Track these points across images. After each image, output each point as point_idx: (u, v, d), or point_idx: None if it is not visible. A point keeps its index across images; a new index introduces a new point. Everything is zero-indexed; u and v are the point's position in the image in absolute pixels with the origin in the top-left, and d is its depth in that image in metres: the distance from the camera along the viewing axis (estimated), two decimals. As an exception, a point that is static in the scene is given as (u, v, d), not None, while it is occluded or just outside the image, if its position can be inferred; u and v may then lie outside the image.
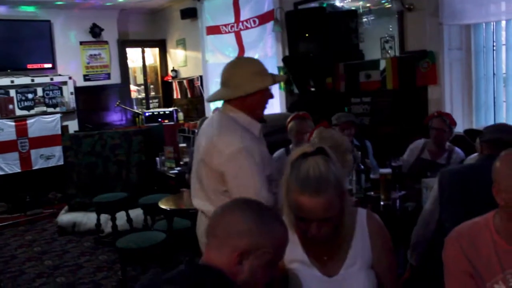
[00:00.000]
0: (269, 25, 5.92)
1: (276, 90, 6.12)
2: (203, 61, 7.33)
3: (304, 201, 1.54)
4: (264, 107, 2.28)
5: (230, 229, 1.35)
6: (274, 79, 2.26)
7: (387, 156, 3.60)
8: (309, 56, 4.85)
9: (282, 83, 5.76)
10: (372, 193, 3.33)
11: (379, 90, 4.69)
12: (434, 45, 4.21)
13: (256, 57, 6.22)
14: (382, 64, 4.69)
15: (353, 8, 5.00)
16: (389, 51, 4.71)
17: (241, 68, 2.25)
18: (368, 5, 4.87)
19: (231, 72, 2.25)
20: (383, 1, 4.75)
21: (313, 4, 5.25)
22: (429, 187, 2.89)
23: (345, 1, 5.14)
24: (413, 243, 2.66)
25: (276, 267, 1.46)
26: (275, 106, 6.28)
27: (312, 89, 5.16)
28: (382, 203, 3.17)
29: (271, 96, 2.31)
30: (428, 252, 2.62)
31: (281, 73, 5.74)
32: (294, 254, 1.69)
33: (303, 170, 1.56)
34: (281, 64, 5.73)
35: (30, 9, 7.19)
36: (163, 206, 4.05)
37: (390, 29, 4.70)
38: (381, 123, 4.67)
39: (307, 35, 4.90)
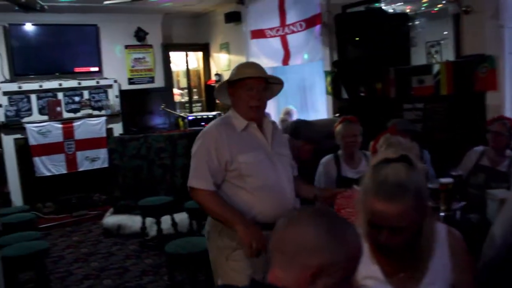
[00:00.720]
0: (316, 28, 5.82)
1: (322, 94, 6.03)
2: (247, 65, 7.27)
3: (377, 205, 1.48)
4: (246, 105, 2.43)
5: (299, 245, 1.21)
6: (234, 76, 2.45)
7: (442, 164, 3.45)
8: (359, 60, 4.73)
9: (329, 88, 5.65)
10: (430, 203, 3.19)
11: (433, 96, 4.52)
12: (494, 49, 4.02)
13: (301, 61, 6.23)
14: (435, 69, 4.52)
15: (407, 11, 4.85)
16: (435, 56, 4.55)
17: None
18: (422, 8, 4.72)
19: None
20: (437, 4, 4.59)
21: (360, 8, 5.12)
22: (495, 199, 2.74)
23: (395, 4, 4.99)
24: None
25: (352, 282, 1.36)
26: (321, 111, 6.18)
27: (362, 94, 5.03)
28: (442, 214, 3.02)
29: (252, 96, 2.43)
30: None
31: (328, 78, 5.64)
32: (367, 270, 1.60)
33: (381, 174, 1.52)
34: (329, 69, 5.62)
35: (77, 14, 7.32)
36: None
37: (445, 33, 4.54)
38: (435, 130, 4.50)
39: (357, 39, 4.79)
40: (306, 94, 6.71)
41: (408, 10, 4.85)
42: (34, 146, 6.96)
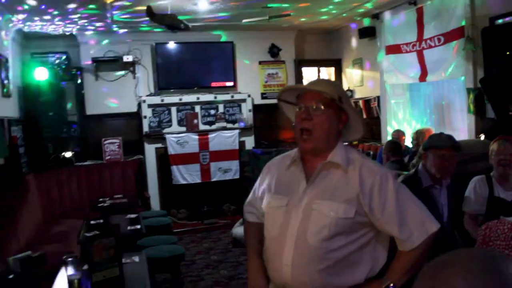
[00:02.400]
0: (456, 43, 5.47)
1: (463, 113, 5.64)
2: (381, 81, 7.09)
3: None
4: (296, 129, 1.86)
5: None
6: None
7: None
8: (510, 76, 4.34)
9: (471, 106, 5.26)
10: None
11: None
12: None
13: (440, 77, 5.90)
14: None
15: None
16: None
17: None
18: None
19: None
20: None
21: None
22: None
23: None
24: None
25: None
26: (460, 130, 5.78)
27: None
28: None
29: (297, 118, 1.84)
30: None
31: (471, 96, 5.26)
32: None
33: None
34: (472, 86, 5.24)
35: (216, 32, 7.72)
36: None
37: None
38: None
39: (508, 53, 4.40)
40: (444, 112, 6.33)
41: None
42: (173, 155, 7.43)
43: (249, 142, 7.88)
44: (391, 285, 1.75)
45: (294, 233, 1.77)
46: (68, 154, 6.80)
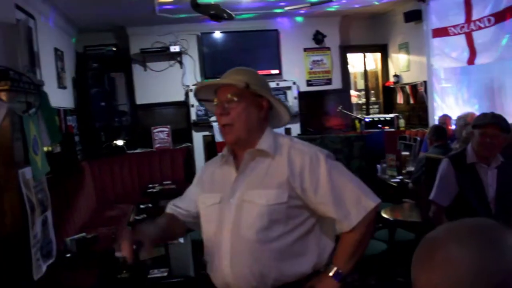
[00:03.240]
0: (508, 23, 5.29)
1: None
2: (428, 65, 6.94)
3: None
4: (219, 126, 1.80)
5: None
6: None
7: None
8: None
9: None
10: None
11: None
12: None
13: (490, 59, 5.72)
14: None
15: None
16: None
17: None
18: None
19: None
20: None
21: None
22: None
23: None
24: None
25: None
26: (512, 114, 5.60)
27: None
28: None
29: (216, 116, 1.79)
30: None
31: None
32: None
33: None
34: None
35: (260, 20, 7.76)
36: (385, 215, 3.93)
37: None
38: None
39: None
40: (495, 96, 6.13)
41: None
42: (220, 142, 7.57)
43: (295, 129, 7.90)
44: (340, 271, 1.68)
45: (230, 229, 1.69)
46: (119, 142, 7.07)
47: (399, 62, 7.94)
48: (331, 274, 1.68)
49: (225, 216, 1.71)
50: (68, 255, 3.62)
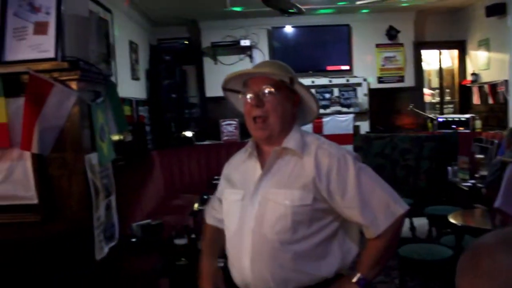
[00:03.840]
0: None
1: None
2: (510, 63, 6.54)
3: None
4: (248, 119, 1.72)
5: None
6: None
7: None
8: None
9: None
10: None
11: None
12: None
13: None
14: None
15: None
16: None
17: None
18: None
19: None
20: None
21: None
22: None
23: None
24: None
25: None
26: None
27: None
28: None
29: (248, 105, 1.71)
30: None
31: None
32: None
33: None
34: None
35: (332, 15, 7.65)
36: (453, 220, 3.76)
37: None
38: None
39: None
40: None
41: None
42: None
43: (364, 126, 7.75)
44: (363, 278, 1.61)
45: (251, 228, 1.64)
46: (188, 134, 7.25)
47: (477, 59, 7.54)
48: (354, 280, 1.62)
49: (247, 214, 1.67)
50: (133, 239, 3.77)
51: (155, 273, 2.87)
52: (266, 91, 1.66)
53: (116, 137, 4.77)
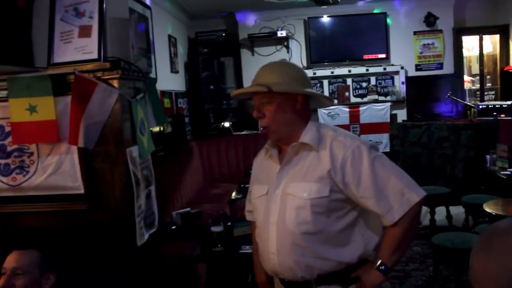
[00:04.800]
0: None
1: None
2: (553, 48, 6.36)
3: None
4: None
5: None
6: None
7: None
8: None
9: None
10: None
11: None
12: None
13: None
14: None
15: None
16: None
17: None
18: None
19: None
20: None
21: None
22: None
23: None
24: None
25: None
26: None
27: None
28: None
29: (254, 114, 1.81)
30: None
31: None
32: None
33: None
34: None
35: (369, 3, 7.61)
36: (488, 210, 3.76)
37: None
38: None
39: None
40: None
41: None
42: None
43: (401, 115, 7.71)
44: (384, 264, 1.70)
45: (275, 220, 1.74)
46: (226, 124, 7.41)
47: (520, 45, 7.35)
48: (376, 266, 1.71)
49: (271, 208, 1.77)
50: (173, 227, 3.96)
51: (193, 259, 3.03)
52: (262, 101, 1.76)
53: (156, 129, 4.98)
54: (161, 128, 5.35)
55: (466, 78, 8.25)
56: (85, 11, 2.22)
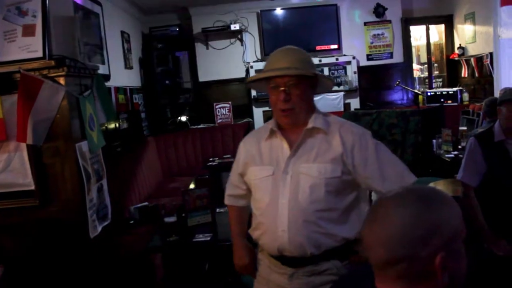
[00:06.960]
0: None
1: None
2: (494, 36, 6.67)
3: None
4: (275, 108, 1.88)
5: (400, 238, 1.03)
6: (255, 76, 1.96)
7: None
8: None
9: None
10: None
11: None
12: None
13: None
14: None
15: None
16: None
17: None
18: None
19: None
20: None
21: None
22: None
23: None
24: None
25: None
26: None
27: None
28: None
29: (277, 97, 1.85)
30: None
31: None
32: None
33: None
34: None
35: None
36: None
37: None
38: None
39: None
40: None
41: None
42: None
43: (354, 103, 7.93)
44: None
45: (286, 200, 1.83)
46: (183, 118, 7.45)
47: (464, 33, 7.68)
48: None
49: (280, 188, 1.86)
50: (131, 221, 4.01)
51: (149, 250, 3.09)
52: (291, 84, 1.81)
53: (111, 125, 4.99)
54: (117, 124, 5.35)
55: (415, 66, 8.56)
56: (28, 10, 2.26)
